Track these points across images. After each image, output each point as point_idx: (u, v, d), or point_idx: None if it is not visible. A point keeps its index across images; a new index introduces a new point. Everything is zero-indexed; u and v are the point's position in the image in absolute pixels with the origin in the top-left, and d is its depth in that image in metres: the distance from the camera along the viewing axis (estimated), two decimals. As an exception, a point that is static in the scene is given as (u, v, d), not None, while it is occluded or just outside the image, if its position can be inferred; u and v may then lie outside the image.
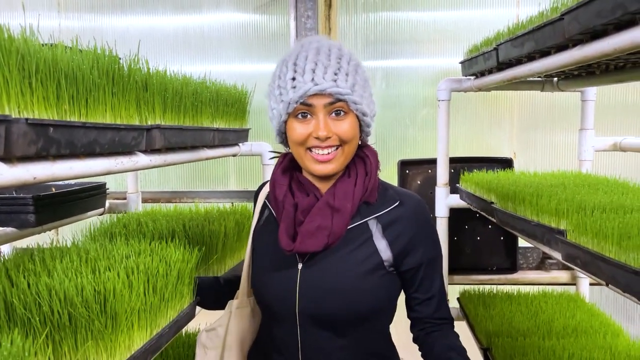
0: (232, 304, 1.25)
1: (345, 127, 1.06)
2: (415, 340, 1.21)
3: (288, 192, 1.13)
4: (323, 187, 1.14)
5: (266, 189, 1.26)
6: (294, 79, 1.05)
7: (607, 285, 0.90)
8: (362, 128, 1.12)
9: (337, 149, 1.07)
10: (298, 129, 1.07)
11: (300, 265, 1.11)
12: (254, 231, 1.25)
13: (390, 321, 1.19)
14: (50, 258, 1.07)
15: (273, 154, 1.29)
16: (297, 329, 1.11)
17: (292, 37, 2.45)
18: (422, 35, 2.54)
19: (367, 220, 1.12)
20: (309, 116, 1.06)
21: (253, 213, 1.29)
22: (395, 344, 1.23)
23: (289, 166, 1.18)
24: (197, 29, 2.57)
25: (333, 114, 1.06)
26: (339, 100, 1.04)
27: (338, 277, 1.08)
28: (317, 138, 1.05)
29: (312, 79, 1.03)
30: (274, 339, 1.16)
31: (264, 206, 1.25)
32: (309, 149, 1.08)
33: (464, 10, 2.51)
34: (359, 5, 2.52)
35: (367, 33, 2.53)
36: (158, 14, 2.57)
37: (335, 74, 1.04)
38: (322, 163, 1.07)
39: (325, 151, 1.06)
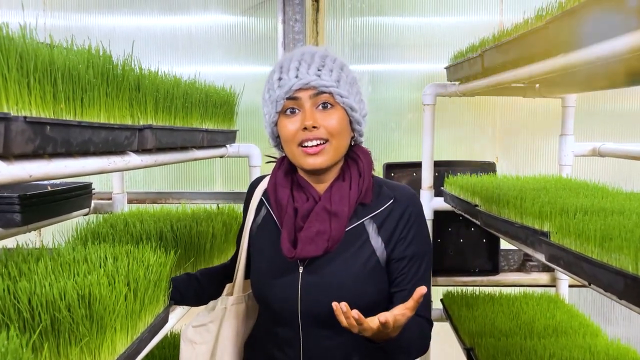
0: (227, 300, 1.26)
1: (332, 119, 1.09)
2: None
3: (290, 195, 1.15)
4: (320, 188, 1.16)
5: (262, 186, 1.26)
6: (280, 78, 1.11)
7: (589, 285, 0.93)
8: (353, 126, 1.14)
9: (325, 142, 1.10)
10: (288, 126, 1.11)
11: (301, 269, 1.13)
12: (251, 229, 1.25)
13: None
14: (25, 262, 1.06)
15: (268, 158, 1.30)
16: (299, 329, 1.13)
17: (280, 40, 2.46)
18: (408, 41, 2.57)
19: (363, 221, 1.14)
20: (297, 111, 1.10)
21: (246, 208, 1.29)
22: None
23: (289, 168, 1.20)
24: (184, 30, 2.56)
25: (320, 107, 1.09)
26: (324, 92, 1.08)
27: (339, 281, 1.10)
28: (305, 129, 1.08)
29: (296, 75, 1.08)
30: (276, 338, 1.18)
31: (261, 204, 1.26)
32: (300, 144, 1.10)
33: (448, 17, 2.55)
34: (346, 10, 2.54)
35: (354, 37, 2.56)
36: (145, 14, 2.56)
37: (319, 70, 1.09)
38: (311, 156, 1.09)
39: (314, 142, 1.09)
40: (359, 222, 1.14)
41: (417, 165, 2.18)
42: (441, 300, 2.17)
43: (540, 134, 2.54)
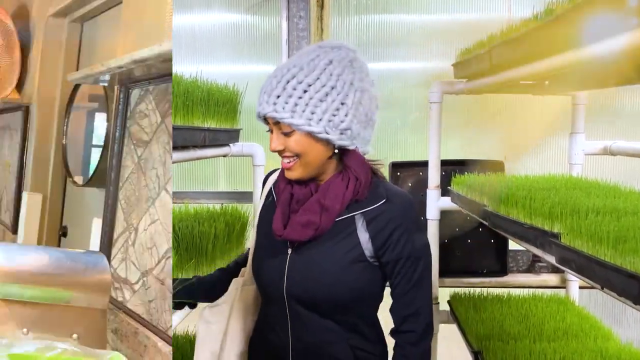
0: (238, 281, 1.34)
1: (291, 143, 1.14)
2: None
3: (291, 182, 1.21)
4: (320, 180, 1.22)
5: (275, 176, 1.33)
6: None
7: (602, 289, 0.90)
8: (329, 141, 1.14)
9: (295, 158, 1.15)
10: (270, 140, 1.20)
11: (289, 251, 1.20)
12: (260, 215, 1.33)
13: (376, 308, 1.24)
14: None
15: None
16: (286, 309, 1.19)
17: (284, 38, 2.43)
18: (414, 38, 2.53)
19: (354, 215, 1.18)
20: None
21: (261, 197, 1.37)
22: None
23: None
24: (187, 28, 2.54)
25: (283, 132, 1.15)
26: (279, 122, 1.13)
27: (322, 267, 1.17)
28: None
29: (260, 103, 1.14)
30: (268, 318, 1.26)
31: (270, 192, 1.32)
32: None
33: (455, 14, 2.51)
34: (352, 7, 2.51)
35: (359, 35, 2.52)
36: (148, 12, 2.54)
37: (278, 97, 1.11)
38: (287, 170, 1.17)
39: (286, 160, 1.16)
40: (349, 215, 1.18)
41: (424, 165, 2.14)
42: (448, 302, 2.13)
43: (549, 132, 2.50)
